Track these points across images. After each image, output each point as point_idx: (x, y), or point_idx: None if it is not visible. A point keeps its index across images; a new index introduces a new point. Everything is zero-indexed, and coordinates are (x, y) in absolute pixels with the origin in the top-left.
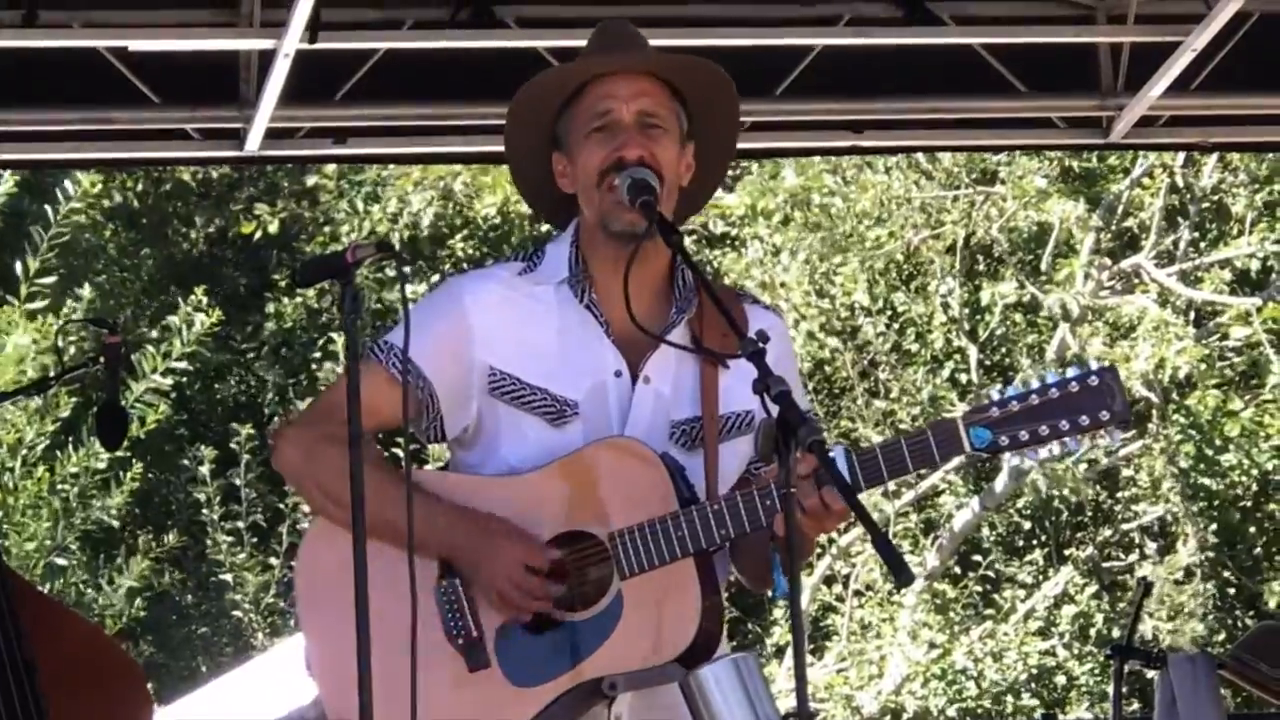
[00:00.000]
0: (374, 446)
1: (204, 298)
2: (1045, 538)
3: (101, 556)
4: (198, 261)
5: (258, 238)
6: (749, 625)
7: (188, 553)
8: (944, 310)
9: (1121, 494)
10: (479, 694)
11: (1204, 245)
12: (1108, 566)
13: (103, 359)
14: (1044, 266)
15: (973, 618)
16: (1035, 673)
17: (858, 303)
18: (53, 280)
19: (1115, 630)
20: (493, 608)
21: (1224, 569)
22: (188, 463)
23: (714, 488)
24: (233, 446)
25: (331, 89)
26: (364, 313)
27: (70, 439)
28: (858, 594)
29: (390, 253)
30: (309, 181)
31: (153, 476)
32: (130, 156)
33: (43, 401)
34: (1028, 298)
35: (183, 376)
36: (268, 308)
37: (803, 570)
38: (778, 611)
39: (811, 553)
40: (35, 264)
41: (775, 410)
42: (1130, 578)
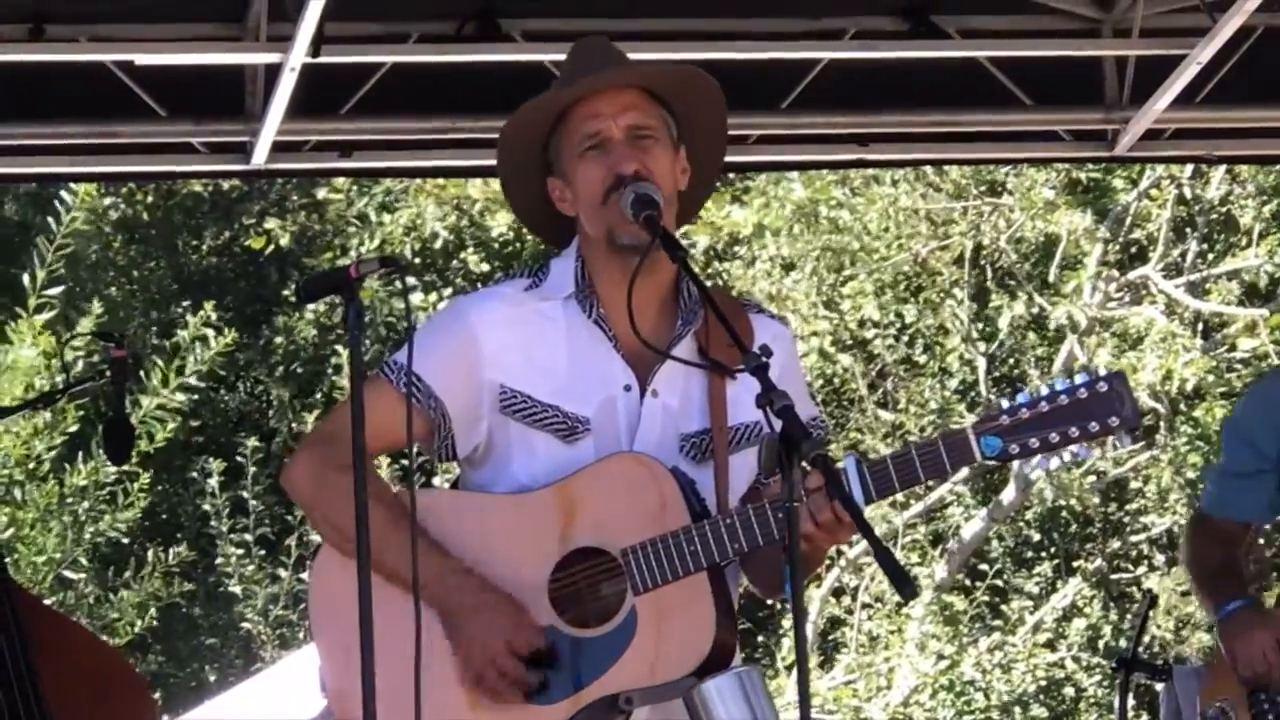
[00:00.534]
0: (378, 478)
1: (213, 314)
2: (1054, 549)
3: (111, 569)
4: (206, 274)
5: (268, 253)
6: (758, 638)
7: (196, 566)
8: (952, 322)
9: (1130, 505)
10: (495, 714)
11: (1211, 257)
12: (1116, 578)
13: (110, 373)
14: (1052, 278)
15: (981, 629)
16: (1044, 684)
17: (866, 316)
18: (59, 291)
19: (1124, 642)
20: (463, 685)
21: None
22: (196, 475)
23: (725, 500)
24: (239, 459)
25: (338, 103)
26: (377, 324)
27: (79, 452)
28: (866, 606)
29: (395, 267)
30: (319, 194)
31: (162, 489)
32: (137, 170)
33: (50, 415)
34: (1036, 309)
35: (194, 394)
36: (277, 321)
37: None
38: (787, 623)
39: (822, 563)
40: (42, 275)
41: (779, 425)
42: (1138, 589)
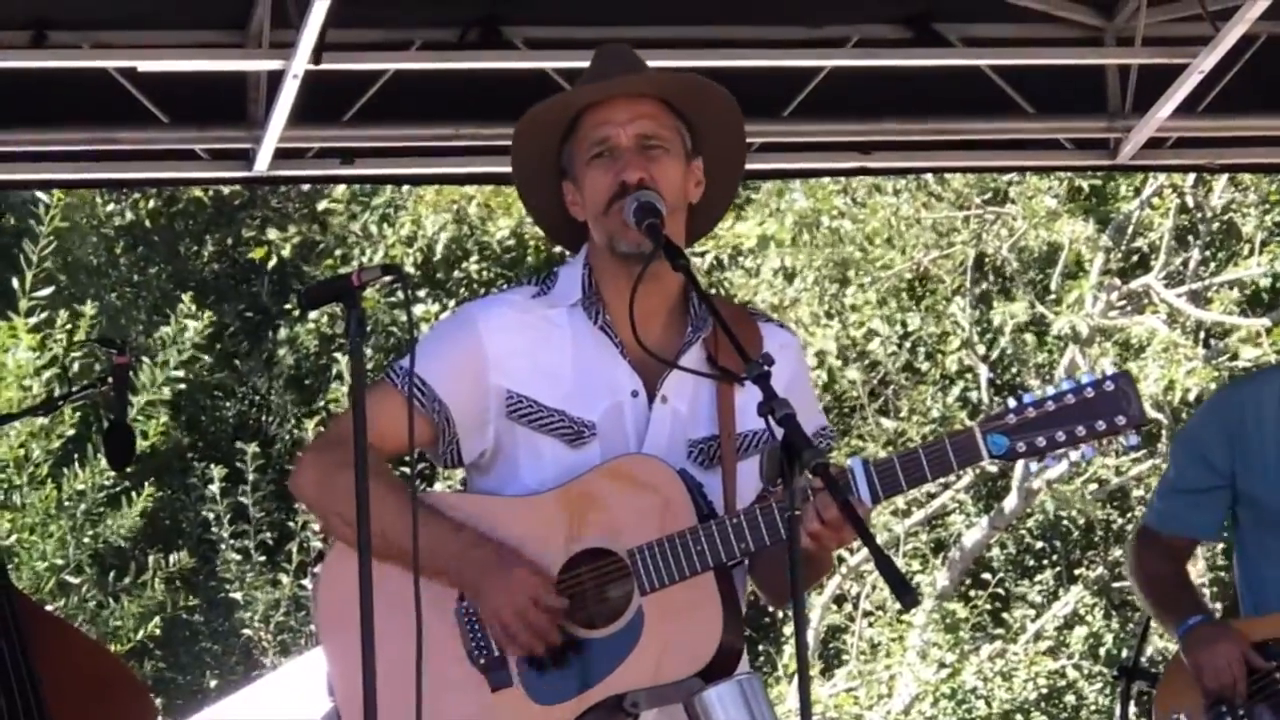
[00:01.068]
0: (388, 470)
1: (193, 305)
2: (1055, 557)
3: (112, 574)
4: (207, 281)
5: (271, 265)
6: (759, 646)
7: (198, 573)
8: (954, 330)
9: (1131, 514)
10: (502, 714)
11: (1214, 265)
12: (1118, 586)
13: (111, 379)
14: (1054, 287)
15: (982, 637)
16: (1045, 692)
17: (870, 326)
18: (49, 292)
19: (1125, 650)
20: (496, 640)
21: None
22: (196, 481)
23: (732, 505)
24: (239, 465)
25: (340, 110)
26: (379, 333)
27: (76, 455)
28: (867, 614)
29: (397, 275)
30: (319, 206)
31: (162, 495)
32: (139, 177)
33: (47, 419)
34: (1038, 317)
35: (181, 384)
36: (279, 333)
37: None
38: (788, 630)
39: (830, 567)
40: (30, 276)
41: (780, 433)
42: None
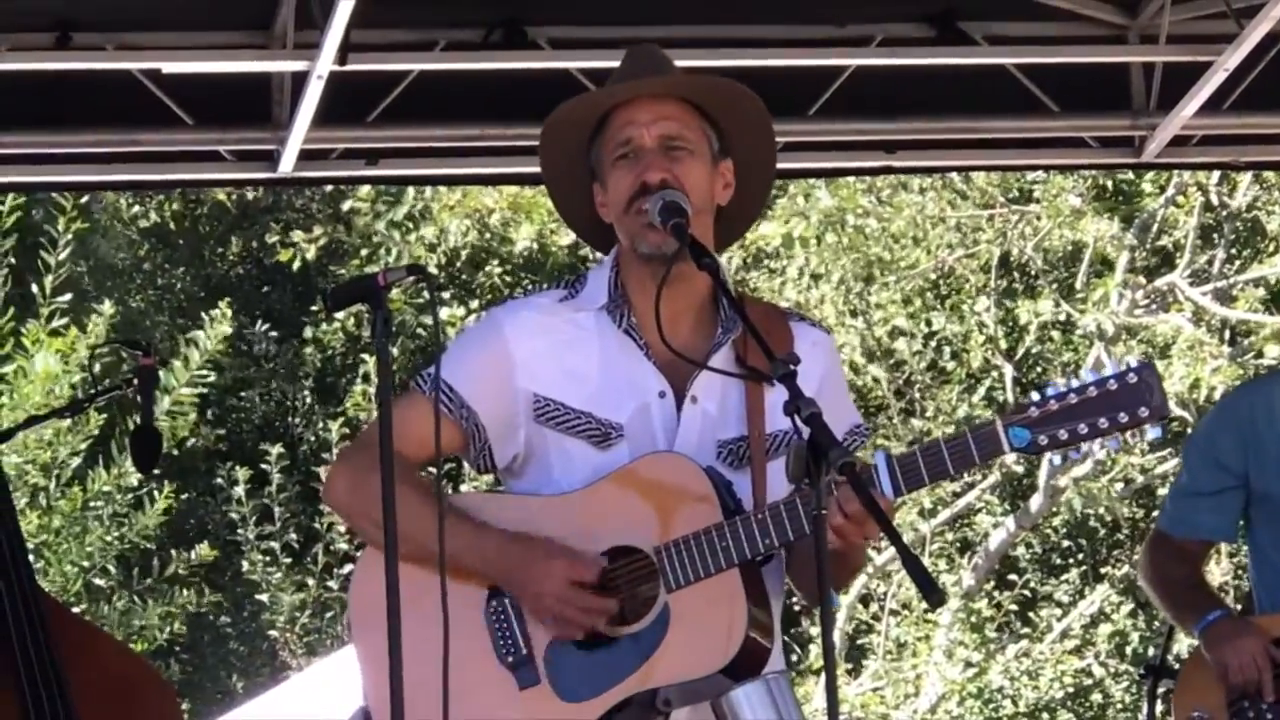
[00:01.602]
0: (417, 474)
1: (228, 310)
2: (1081, 556)
3: (136, 571)
4: (232, 283)
5: (296, 266)
6: (785, 644)
7: (224, 573)
8: (979, 329)
9: (1157, 512)
10: (530, 712)
11: (1239, 263)
12: None
13: (136, 381)
14: (1079, 285)
15: (1009, 636)
16: (1071, 691)
17: (895, 325)
18: (69, 297)
19: (1152, 649)
20: (547, 629)
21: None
22: (221, 482)
23: (762, 505)
24: (264, 466)
25: (364, 111)
26: (406, 335)
27: (101, 456)
28: (894, 613)
29: (422, 275)
30: (344, 206)
31: (187, 496)
32: (163, 178)
33: (72, 420)
34: (1063, 316)
35: (208, 388)
36: (305, 332)
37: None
38: (814, 630)
39: (862, 564)
40: (50, 281)
41: (806, 432)
42: None
